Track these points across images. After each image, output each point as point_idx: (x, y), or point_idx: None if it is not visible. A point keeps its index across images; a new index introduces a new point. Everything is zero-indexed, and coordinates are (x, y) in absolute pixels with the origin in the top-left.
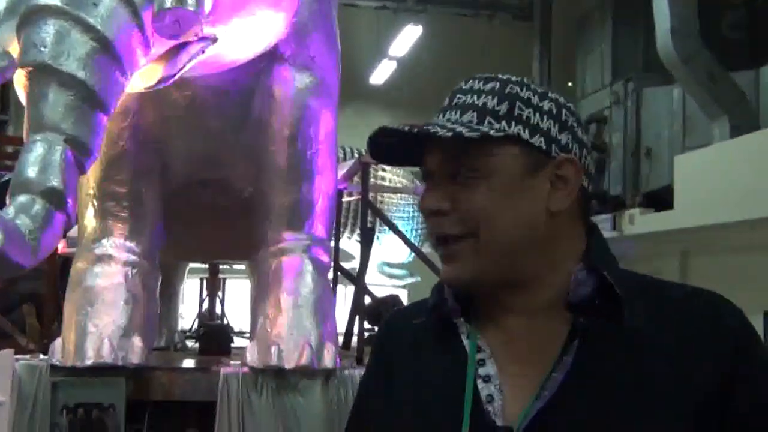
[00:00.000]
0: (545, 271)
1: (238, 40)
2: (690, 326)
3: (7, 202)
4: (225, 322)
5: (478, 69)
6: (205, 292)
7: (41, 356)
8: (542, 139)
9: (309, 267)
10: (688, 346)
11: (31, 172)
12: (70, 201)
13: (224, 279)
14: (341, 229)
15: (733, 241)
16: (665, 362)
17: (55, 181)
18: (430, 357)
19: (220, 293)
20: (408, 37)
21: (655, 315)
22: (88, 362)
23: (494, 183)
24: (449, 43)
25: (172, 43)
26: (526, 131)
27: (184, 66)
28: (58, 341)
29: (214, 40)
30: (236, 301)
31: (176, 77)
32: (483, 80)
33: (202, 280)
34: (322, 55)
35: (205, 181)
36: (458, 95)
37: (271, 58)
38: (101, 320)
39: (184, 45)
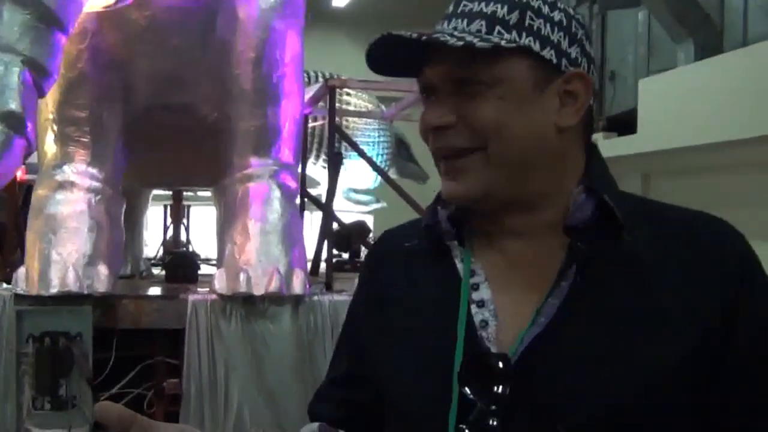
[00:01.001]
0: (551, 190)
1: None
2: (693, 251)
3: None
4: (190, 249)
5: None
6: (169, 220)
7: (4, 285)
8: (553, 52)
9: (276, 193)
10: (691, 272)
11: None
12: (29, 124)
13: (189, 206)
14: (307, 155)
15: (695, 165)
16: (667, 288)
17: (13, 104)
18: (422, 281)
19: (184, 220)
20: None
21: (656, 239)
22: (53, 290)
23: (503, 94)
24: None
25: None
26: (537, 43)
27: None
28: (22, 270)
29: None
30: (201, 228)
31: None
32: None
33: (165, 207)
34: None
35: (169, 104)
36: (464, 2)
37: None
38: (65, 248)
39: None
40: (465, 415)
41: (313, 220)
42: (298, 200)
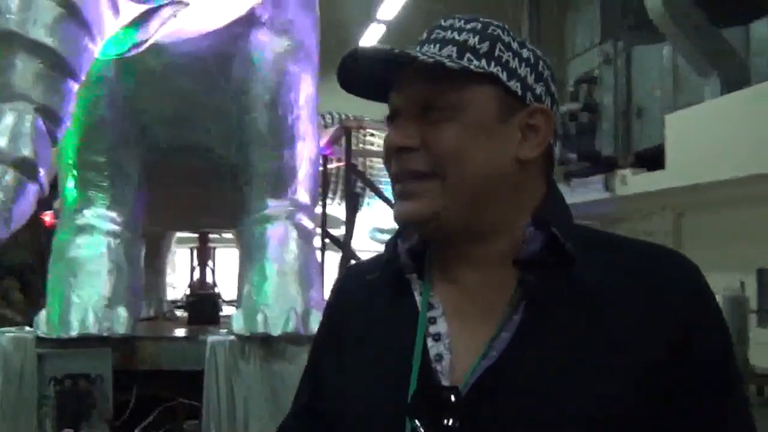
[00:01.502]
0: (504, 222)
1: (211, 5)
2: (644, 285)
3: None
4: (216, 291)
5: None
6: (195, 262)
7: (27, 328)
8: (518, 84)
9: (293, 234)
10: (641, 306)
11: (2, 142)
12: (42, 171)
13: (214, 248)
14: (331, 196)
15: (725, 199)
16: (616, 322)
17: (26, 151)
18: (382, 314)
19: (210, 262)
20: (394, 4)
21: (608, 272)
22: (73, 333)
23: (467, 121)
24: (438, 4)
25: (143, 7)
26: (504, 74)
27: (156, 31)
28: (43, 313)
29: (186, 4)
30: (227, 269)
31: (148, 43)
32: (464, 20)
33: (192, 249)
34: (299, 18)
35: (186, 147)
36: (437, 30)
37: (248, 22)
38: (85, 291)
39: (155, 10)
40: None
41: (336, 260)
42: (315, 241)
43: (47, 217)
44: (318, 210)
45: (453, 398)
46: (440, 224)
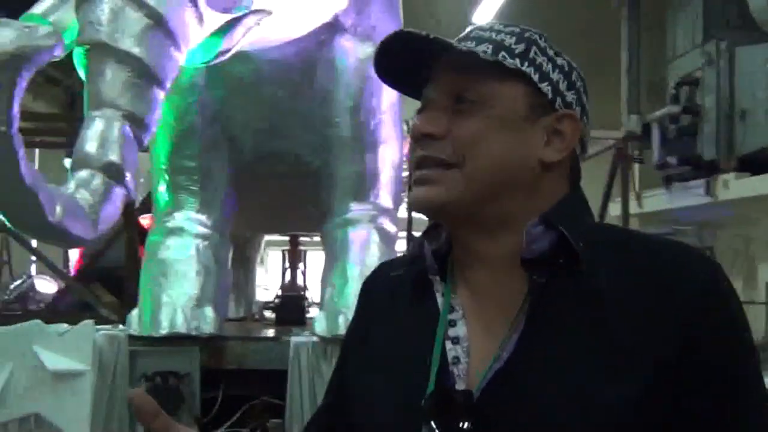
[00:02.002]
0: (513, 220)
1: (295, 12)
2: (651, 285)
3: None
4: (304, 293)
5: (564, 33)
6: (287, 264)
7: (120, 327)
8: (549, 88)
9: (375, 237)
10: (650, 306)
11: (91, 147)
12: (128, 175)
13: (305, 251)
14: None
15: None
16: (624, 323)
17: (113, 156)
18: (404, 313)
19: (301, 265)
20: (491, 4)
21: (617, 272)
22: (163, 332)
23: (493, 115)
24: (534, 7)
25: (227, 17)
26: (537, 75)
27: (240, 39)
28: (135, 312)
29: (269, 12)
30: (318, 272)
31: (233, 51)
32: (503, 24)
33: (283, 252)
34: (383, 23)
35: (272, 153)
36: (476, 30)
37: (332, 29)
38: (174, 291)
39: (239, 19)
40: None
41: None
42: (397, 244)
43: (145, 220)
44: (403, 213)
45: (465, 401)
46: (451, 211)
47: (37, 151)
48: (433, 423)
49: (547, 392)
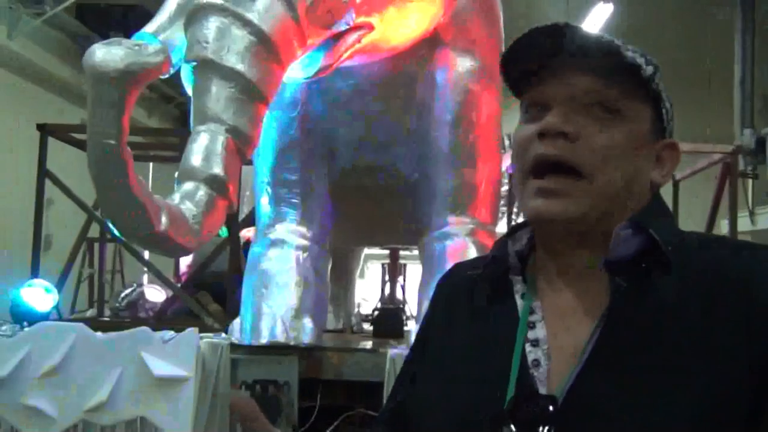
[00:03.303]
0: (611, 232)
1: (395, 27)
2: (732, 290)
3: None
4: (403, 306)
5: (673, 46)
6: (387, 277)
7: (223, 335)
8: (666, 116)
9: (473, 251)
10: (729, 314)
11: (195, 160)
12: (231, 187)
13: (405, 264)
14: (516, 212)
15: None
16: (704, 330)
17: (217, 169)
18: (481, 313)
19: (401, 278)
20: (599, 16)
21: (700, 278)
22: (263, 341)
23: (628, 132)
24: (642, 19)
25: (328, 33)
26: (665, 101)
27: (341, 55)
28: (237, 321)
29: (371, 28)
30: (417, 285)
31: (335, 66)
32: (623, 40)
33: (384, 265)
34: (483, 37)
35: (371, 166)
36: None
37: (431, 43)
38: (275, 301)
39: (340, 35)
40: None
41: None
42: None
43: (250, 233)
44: (502, 228)
45: (551, 408)
46: (572, 227)
47: (150, 165)
48: (513, 427)
49: (625, 399)
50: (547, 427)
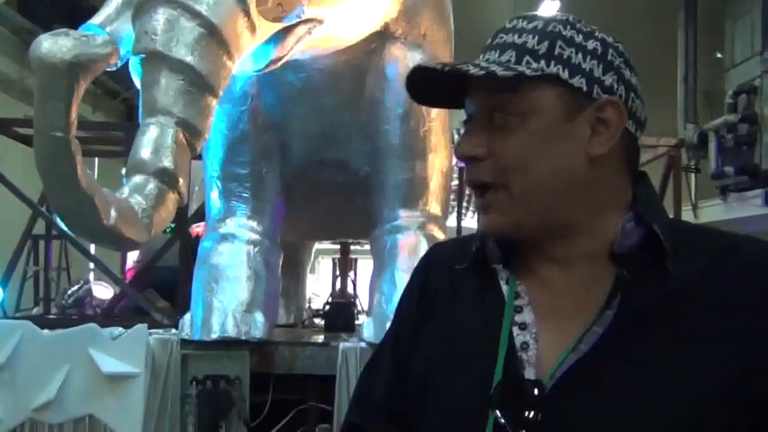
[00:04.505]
0: (586, 219)
1: (345, 21)
2: (739, 282)
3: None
4: (353, 300)
5: (618, 42)
6: (337, 272)
7: (173, 331)
8: (583, 80)
9: (424, 244)
10: (738, 305)
11: (145, 153)
12: (181, 181)
13: (356, 259)
14: (468, 207)
15: None
16: (711, 322)
17: (167, 162)
18: (467, 300)
19: (352, 272)
20: (546, 12)
21: (703, 269)
22: (214, 336)
23: (531, 127)
24: (589, 16)
25: (279, 26)
26: (566, 71)
27: (292, 48)
28: (187, 316)
29: (321, 21)
30: (368, 280)
31: (285, 59)
32: (527, 19)
33: (334, 260)
34: (433, 32)
35: (322, 161)
36: (500, 35)
37: (382, 37)
38: (225, 296)
39: (291, 27)
40: None
41: None
42: None
43: (199, 228)
44: (452, 222)
45: (537, 392)
46: (518, 232)
47: (96, 160)
48: (498, 412)
49: (625, 387)
50: (533, 412)
